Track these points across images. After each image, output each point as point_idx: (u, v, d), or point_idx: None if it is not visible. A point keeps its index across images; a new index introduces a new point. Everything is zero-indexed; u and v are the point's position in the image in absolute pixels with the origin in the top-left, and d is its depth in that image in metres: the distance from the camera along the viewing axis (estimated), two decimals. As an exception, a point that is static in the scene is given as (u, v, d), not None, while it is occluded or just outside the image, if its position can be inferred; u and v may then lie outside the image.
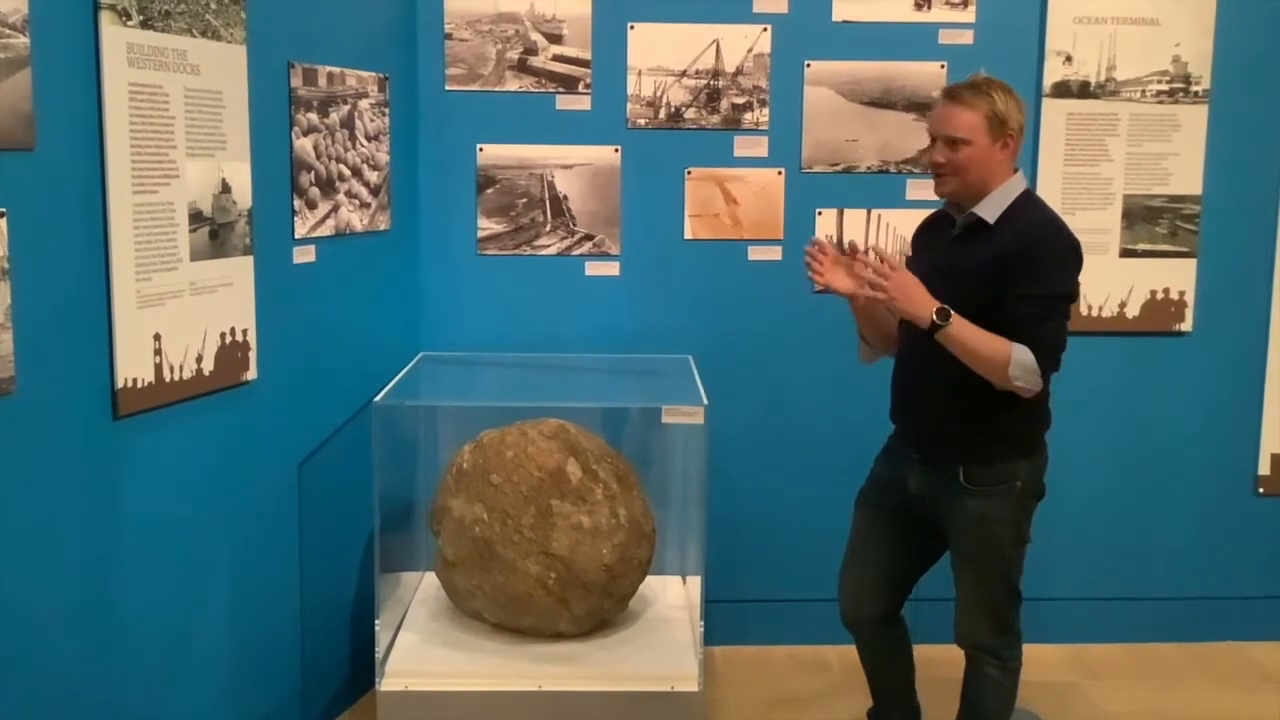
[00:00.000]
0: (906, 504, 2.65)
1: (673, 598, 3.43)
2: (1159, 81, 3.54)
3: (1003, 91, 2.48)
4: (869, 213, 3.55)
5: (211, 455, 2.60)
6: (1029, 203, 2.54)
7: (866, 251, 2.57)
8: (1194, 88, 3.55)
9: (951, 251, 2.55)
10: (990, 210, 2.50)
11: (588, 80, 3.49)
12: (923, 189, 3.53)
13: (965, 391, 2.46)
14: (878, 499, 2.72)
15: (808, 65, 3.50)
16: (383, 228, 3.28)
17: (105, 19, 2.19)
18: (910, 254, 2.81)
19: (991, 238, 2.47)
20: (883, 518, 2.70)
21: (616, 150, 3.51)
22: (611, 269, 3.56)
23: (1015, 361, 2.37)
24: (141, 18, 2.28)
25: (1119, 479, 3.70)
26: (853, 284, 2.57)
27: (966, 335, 2.38)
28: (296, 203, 2.88)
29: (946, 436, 2.54)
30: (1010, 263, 2.41)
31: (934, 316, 2.36)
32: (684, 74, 3.50)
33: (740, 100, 3.51)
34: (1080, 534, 3.65)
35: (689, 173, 3.53)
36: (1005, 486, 2.52)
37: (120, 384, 2.28)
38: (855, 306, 2.67)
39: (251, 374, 2.70)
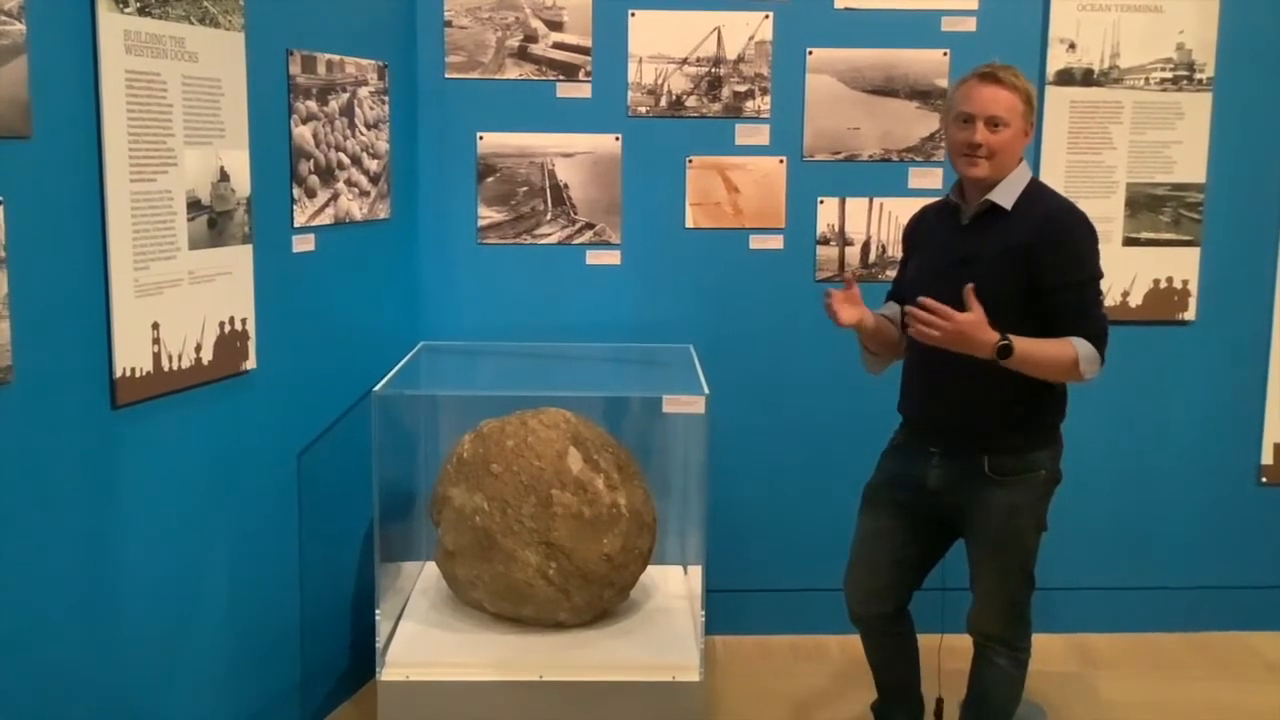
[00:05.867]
0: (919, 500, 2.62)
1: (674, 587, 3.43)
2: (1163, 69, 3.52)
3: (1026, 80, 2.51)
4: (871, 201, 3.53)
5: (210, 445, 2.59)
6: (1041, 189, 2.55)
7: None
8: (1198, 75, 3.53)
9: (963, 241, 2.52)
10: (1005, 196, 2.48)
11: (588, 68, 3.47)
12: (925, 177, 3.53)
13: (997, 386, 2.45)
14: (888, 495, 2.68)
15: (809, 53, 3.48)
16: (382, 216, 3.26)
17: (102, 6, 2.17)
18: (903, 251, 2.78)
19: (1009, 225, 2.46)
20: (894, 514, 2.67)
21: (617, 138, 3.49)
22: (612, 258, 3.55)
23: (1083, 358, 2.38)
24: (139, 4, 2.26)
25: (1121, 468, 3.69)
26: (856, 313, 2.58)
27: (1030, 353, 2.36)
28: (295, 191, 2.86)
29: (975, 431, 2.51)
30: (1040, 252, 2.41)
31: (996, 355, 2.33)
32: (685, 62, 3.48)
33: (742, 88, 3.49)
34: (1082, 523, 3.64)
35: (690, 161, 3.51)
36: (1030, 476, 2.52)
37: (119, 373, 2.27)
38: (859, 328, 2.64)
39: (250, 363, 2.69)
